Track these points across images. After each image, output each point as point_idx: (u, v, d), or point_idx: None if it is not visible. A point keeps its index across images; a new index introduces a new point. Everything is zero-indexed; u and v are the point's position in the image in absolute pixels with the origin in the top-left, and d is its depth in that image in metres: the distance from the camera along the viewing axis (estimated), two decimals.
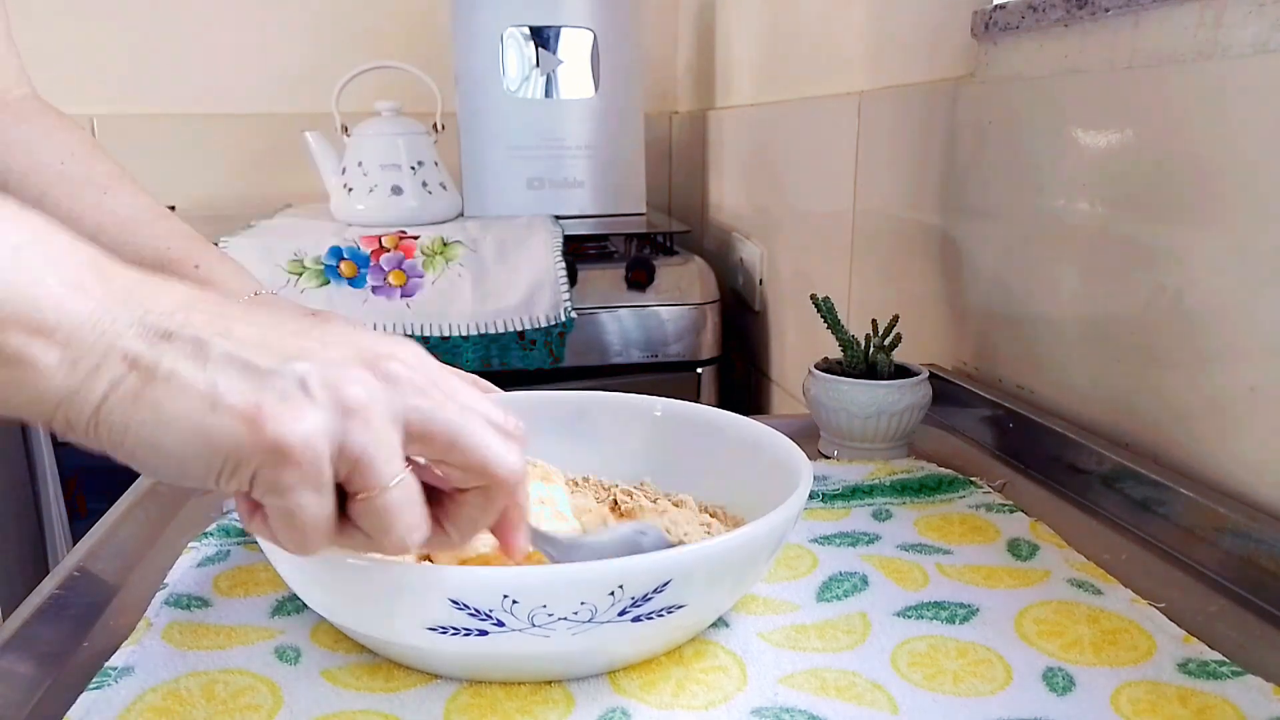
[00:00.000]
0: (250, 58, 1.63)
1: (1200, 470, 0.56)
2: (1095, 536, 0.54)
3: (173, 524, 0.58)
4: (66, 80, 1.56)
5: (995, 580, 0.48)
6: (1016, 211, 0.73)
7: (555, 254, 1.16)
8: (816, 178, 1.12)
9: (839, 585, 0.48)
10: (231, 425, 0.31)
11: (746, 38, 1.41)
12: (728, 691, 0.39)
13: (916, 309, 0.88)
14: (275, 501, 0.33)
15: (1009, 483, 0.62)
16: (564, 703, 0.38)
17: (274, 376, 0.32)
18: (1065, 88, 0.67)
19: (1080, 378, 0.67)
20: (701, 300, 1.24)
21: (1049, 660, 0.41)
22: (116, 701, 0.38)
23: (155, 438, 0.31)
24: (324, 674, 0.41)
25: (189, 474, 0.32)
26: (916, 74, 0.89)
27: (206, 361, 0.32)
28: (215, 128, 1.63)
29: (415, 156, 1.27)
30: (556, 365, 1.16)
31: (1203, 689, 0.38)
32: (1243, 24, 0.52)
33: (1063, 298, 0.69)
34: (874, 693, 0.39)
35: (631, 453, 0.56)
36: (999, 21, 0.74)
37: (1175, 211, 0.58)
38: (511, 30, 1.32)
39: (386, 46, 1.55)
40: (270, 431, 0.31)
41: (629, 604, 0.36)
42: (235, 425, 0.31)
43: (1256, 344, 0.52)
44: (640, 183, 1.40)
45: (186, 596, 0.47)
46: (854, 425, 0.65)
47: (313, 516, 0.33)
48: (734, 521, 0.52)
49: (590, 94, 1.35)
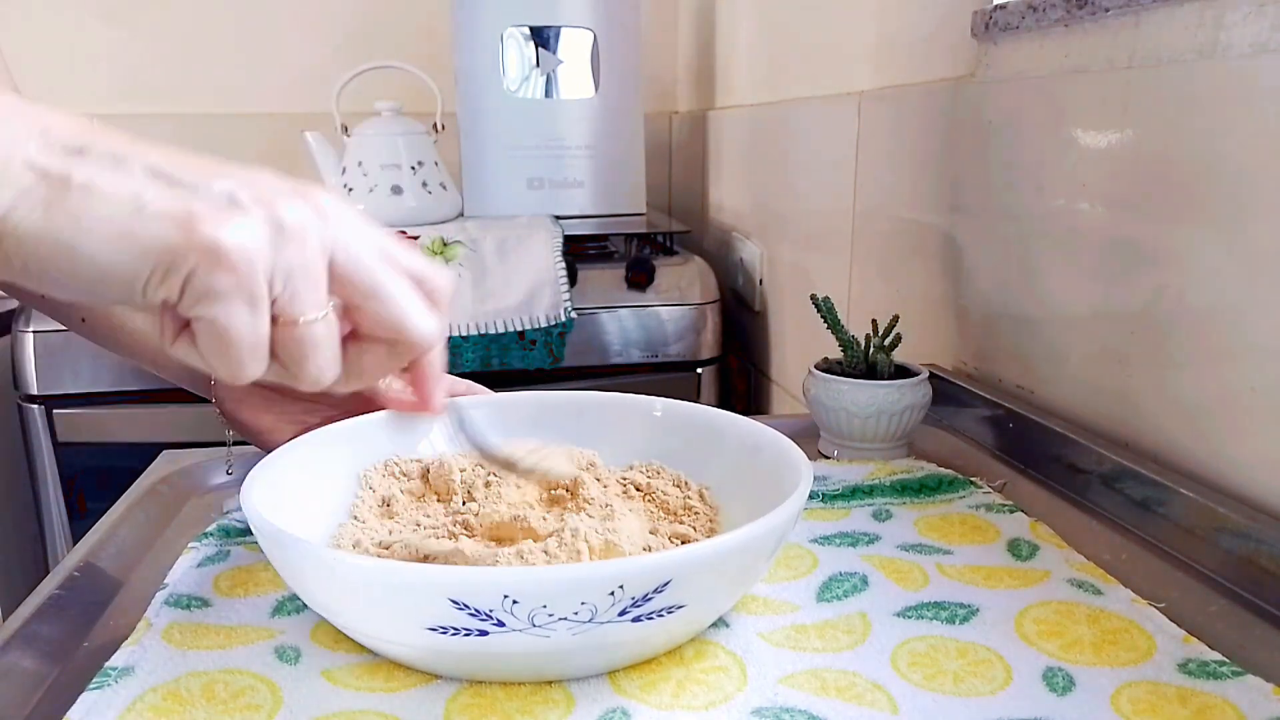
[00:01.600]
0: (250, 58, 1.63)
1: (1200, 470, 0.56)
2: (1095, 536, 0.54)
3: (173, 524, 0.59)
4: (66, 80, 1.56)
5: (995, 580, 0.48)
6: (1016, 211, 0.73)
7: (555, 254, 1.16)
8: (816, 178, 1.12)
9: (839, 585, 0.48)
10: (161, 227, 0.30)
11: (746, 38, 1.41)
12: (728, 692, 0.39)
13: (916, 309, 0.88)
14: (206, 311, 0.31)
15: (1009, 483, 0.62)
16: (564, 703, 0.38)
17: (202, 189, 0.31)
18: (1065, 88, 0.67)
19: (1080, 378, 0.67)
20: (701, 300, 1.24)
21: (1049, 660, 0.41)
22: (116, 701, 0.38)
23: (74, 243, 0.30)
24: (324, 674, 0.41)
25: (111, 282, 0.31)
26: (916, 74, 0.89)
27: (128, 175, 0.31)
28: (215, 128, 1.63)
29: (415, 156, 1.27)
30: (556, 365, 1.16)
31: (1203, 689, 0.38)
32: (1243, 24, 0.52)
33: (1063, 298, 0.69)
34: (874, 693, 0.39)
35: (631, 452, 0.56)
36: (999, 21, 0.74)
37: (1175, 211, 0.58)
38: (511, 30, 1.32)
39: (386, 46, 1.55)
40: (206, 232, 0.30)
41: (629, 604, 0.36)
42: (166, 227, 0.30)
43: (1256, 344, 0.52)
44: (640, 183, 1.40)
45: (186, 596, 0.47)
46: (854, 425, 0.65)
47: (246, 333, 0.32)
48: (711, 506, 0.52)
49: (590, 94, 1.35)
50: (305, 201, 0.33)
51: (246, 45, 1.63)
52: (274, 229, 0.32)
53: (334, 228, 0.33)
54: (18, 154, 0.30)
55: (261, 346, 0.32)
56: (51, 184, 0.30)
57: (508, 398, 0.60)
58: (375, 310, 0.34)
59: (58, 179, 0.30)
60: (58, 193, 0.30)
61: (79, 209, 0.30)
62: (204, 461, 0.66)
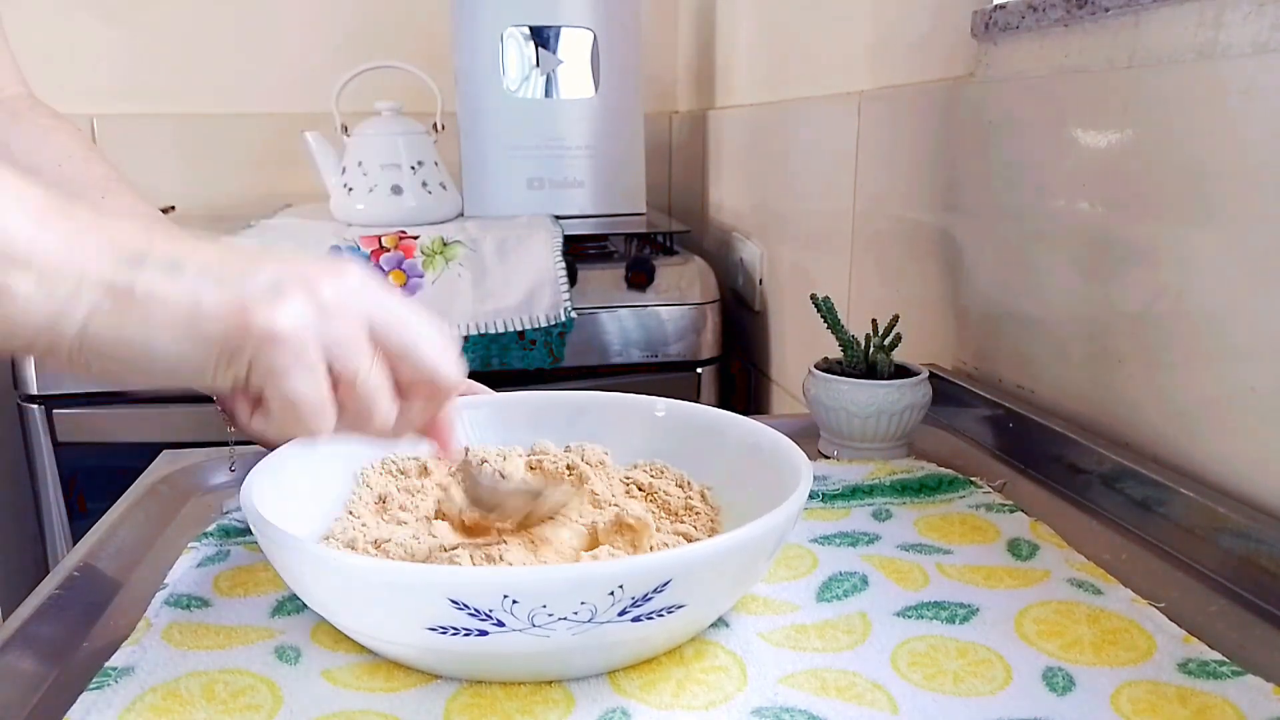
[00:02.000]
0: (250, 58, 1.63)
1: (1200, 470, 0.56)
2: (1095, 536, 0.54)
3: (173, 524, 0.59)
4: (66, 80, 1.56)
5: (995, 580, 0.48)
6: (1016, 211, 0.73)
7: (555, 254, 1.16)
8: (816, 178, 1.12)
9: (839, 585, 0.48)
10: (220, 320, 0.35)
11: (746, 38, 1.41)
12: (728, 691, 0.39)
13: (916, 309, 0.88)
14: (274, 385, 0.36)
15: (1009, 483, 0.62)
16: (564, 703, 0.38)
17: (250, 283, 0.35)
18: (1065, 88, 0.67)
19: (1080, 378, 0.67)
20: (701, 300, 1.24)
21: (1049, 660, 0.41)
22: (116, 701, 0.38)
23: (147, 342, 0.34)
24: (324, 674, 0.41)
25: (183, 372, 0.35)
26: (916, 74, 0.89)
27: (181, 277, 0.35)
28: (215, 128, 1.63)
29: (415, 156, 1.27)
30: (556, 365, 1.16)
31: (1203, 689, 0.38)
32: (1243, 24, 0.52)
33: (1063, 298, 0.69)
34: (874, 693, 0.39)
35: (632, 452, 0.56)
36: (999, 21, 0.74)
37: (1175, 211, 0.58)
38: (511, 30, 1.32)
39: (386, 46, 1.54)
40: (259, 319, 0.35)
41: (629, 604, 0.36)
42: (223, 319, 0.35)
43: (1256, 344, 0.52)
44: (640, 183, 1.40)
45: (186, 596, 0.47)
46: (854, 425, 0.65)
47: (311, 397, 0.36)
48: (713, 507, 0.52)
49: (590, 94, 1.35)
50: (340, 280, 0.38)
51: (246, 45, 1.63)
52: (317, 308, 0.36)
53: (368, 298, 0.38)
54: (91, 270, 0.34)
55: (327, 405, 0.37)
56: (119, 295, 0.34)
57: (508, 398, 0.60)
58: (413, 362, 0.39)
59: (124, 290, 0.34)
60: (125, 303, 0.34)
61: (147, 313, 0.34)
62: (204, 461, 0.66)
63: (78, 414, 1.14)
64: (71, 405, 1.13)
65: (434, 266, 1.14)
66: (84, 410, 1.14)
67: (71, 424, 1.14)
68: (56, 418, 1.14)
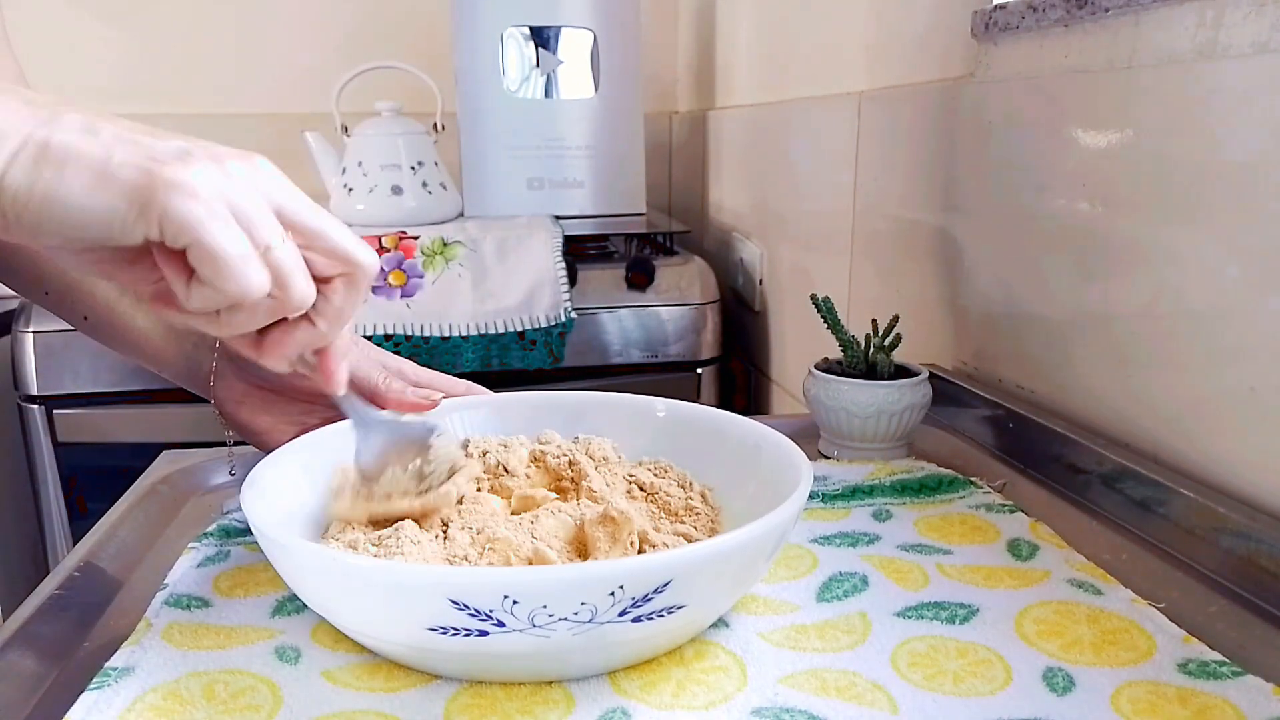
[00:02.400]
0: (250, 58, 1.63)
1: (1200, 470, 0.56)
2: (1095, 536, 0.54)
3: (173, 524, 0.59)
4: (66, 80, 1.56)
5: (995, 580, 0.48)
6: (1017, 211, 0.73)
7: (555, 254, 1.16)
8: (816, 178, 1.12)
9: (839, 585, 0.48)
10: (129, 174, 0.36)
11: (746, 38, 1.41)
12: (728, 692, 0.39)
13: (916, 309, 0.88)
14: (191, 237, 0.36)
15: (1009, 483, 0.62)
16: (564, 703, 0.38)
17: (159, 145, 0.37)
18: (1065, 88, 0.67)
19: (1080, 378, 0.67)
20: (701, 300, 1.24)
21: (1049, 660, 0.41)
22: (116, 701, 0.38)
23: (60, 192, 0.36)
24: (324, 674, 0.41)
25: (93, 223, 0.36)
26: (916, 74, 0.89)
27: (95, 138, 0.36)
28: (215, 128, 1.63)
29: (415, 156, 1.27)
30: (556, 365, 1.16)
31: (1203, 689, 0.38)
32: (1243, 24, 0.52)
33: (1063, 298, 0.69)
34: (874, 693, 0.39)
35: (631, 453, 0.56)
36: (999, 21, 0.74)
37: (1175, 211, 0.58)
38: (511, 30, 1.32)
39: (386, 46, 1.54)
40: (166, 173, 0.36)
41: (629, 604, 0.36)
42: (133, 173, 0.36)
43: (1256, 344, 0.52)
44: (640, 183, 1.40)
45: (186, 596, 0.47)
46: (854, 425, 0.65)
47: (232, 246, 0.37)
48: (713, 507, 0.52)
49: (590, 94, 1.35)
50: (248, 160, 0.39)
51: (246, 45, 1.63)
52: (222, 173, 0.37)
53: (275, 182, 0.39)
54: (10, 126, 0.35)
55: (252, 258, 0.37)
56: (36, 146, 0.36)
57: (507, 398, 0.60)
58: (326, 246, 0.40)
59: (40, 142, 0.36)
60: (41, 153, 0.36)
61: (60, 166, 0.36)
62: (204, 461, 0.66)
63: (78, 414, 1.14)
64: (71, 405, 1.13)
65: (434, 267, 1.14)
66: (84, 410, 1.14)
67: (71, 424, 1.14)
68: (56, 418, 1.14)
